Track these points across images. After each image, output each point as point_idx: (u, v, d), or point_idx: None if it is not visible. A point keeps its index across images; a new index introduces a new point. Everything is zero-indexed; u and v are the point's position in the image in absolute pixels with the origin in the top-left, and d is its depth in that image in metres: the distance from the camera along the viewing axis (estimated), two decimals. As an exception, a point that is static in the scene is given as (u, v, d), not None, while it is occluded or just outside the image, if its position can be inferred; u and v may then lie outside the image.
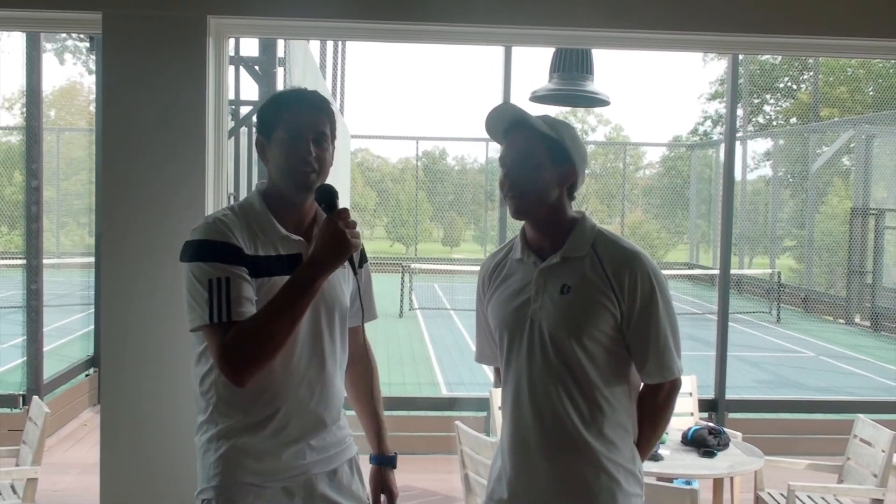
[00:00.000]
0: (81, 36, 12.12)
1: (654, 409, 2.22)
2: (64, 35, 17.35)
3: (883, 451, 4.29)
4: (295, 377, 2.12)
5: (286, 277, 2.08)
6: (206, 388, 2.12)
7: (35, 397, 4.66)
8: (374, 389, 2.44)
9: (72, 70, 21.45)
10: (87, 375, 7.64)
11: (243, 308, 2.00)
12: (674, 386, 2.22)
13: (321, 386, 2.18)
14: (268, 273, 2.08)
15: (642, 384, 2.23)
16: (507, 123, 2.21)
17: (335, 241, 2.02)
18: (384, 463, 2.43)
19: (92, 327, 7.82)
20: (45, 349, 6.82)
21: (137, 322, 3.13)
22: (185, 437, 3.01)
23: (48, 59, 19.29)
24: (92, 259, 8.01)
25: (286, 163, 2.13)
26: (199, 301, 2.00)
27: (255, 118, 2.25)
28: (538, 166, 2.16)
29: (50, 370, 6.98)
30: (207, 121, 3.11)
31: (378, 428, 2.43)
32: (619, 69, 40.30)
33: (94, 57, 9.00)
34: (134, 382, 3.15)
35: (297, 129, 2.13)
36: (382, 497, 2.42)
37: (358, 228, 2.09)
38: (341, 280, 2.24)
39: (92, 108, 9.62)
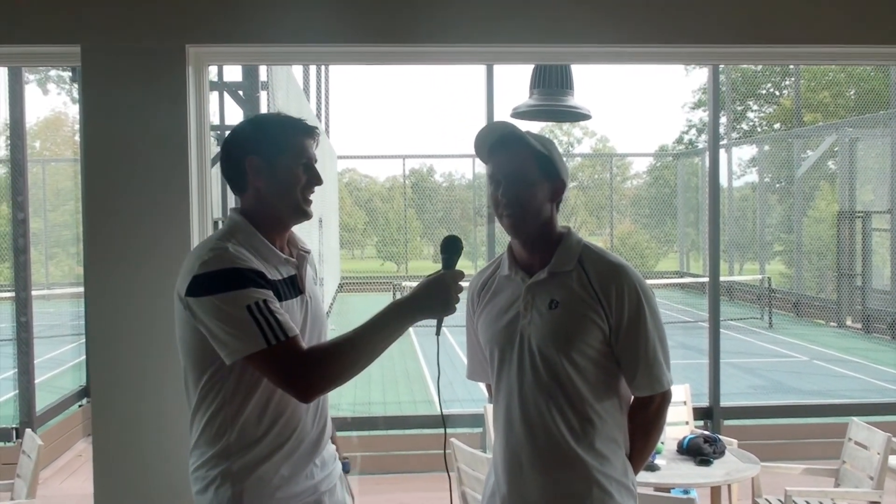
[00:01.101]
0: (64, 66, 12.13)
1: (645, 421, 2.23)
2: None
3: (878, 454, 4.30)
4: None
5: (294, 300, 2.10)
6: (218, 423, 2.05)
7: (28, 430, 4.64)
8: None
9: (56, 100, 21.39)
10: (80, 406, 7.60)
11: (291, 324, 1.98)
12: (664, 398, 2.22)
13: (322, 400, 2.20)
14: (283, 297, 2.06)
15: (633, 397, 2.24)
16: (494, 140, 2.22)
17: (443, 299, 2.04)
18: (342, 469, 2.44)
19: (84, 357, 7.78)
20: (37, 381, 6.77)
21: (126, 352, 3.12)
22: (179, 465, 3.00)
23: (31, 90, 19.23)
24: (82, 289, 7.98)
25: (293, 189, 2.12)
26: (242, 329, 1.93)
27: (241, 137, 2.19)
28: (533, 183, 2.17)
29: (43, 402, 6.94)
30: (190, 149, 3.12)
31: (334, 436, 2.44)
32: (602, 81, 40.55)
33: (77, 86, 9.01)
34: (125, 412, 3.14)
35: (311, 158, 2.15)
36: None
37: (349, 250, 2.09)
38: (320, 296, 2.27)
39: (77, 138, 9.62)
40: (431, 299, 2.04)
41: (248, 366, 1.99)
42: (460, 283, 2.07)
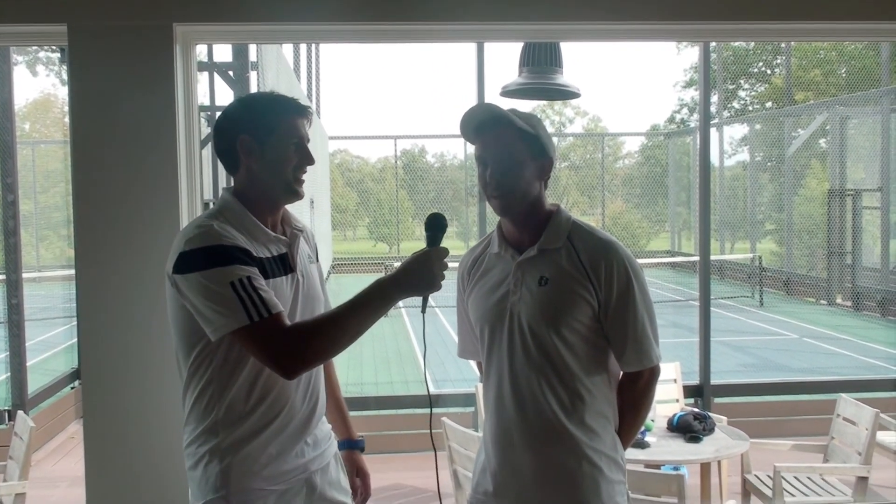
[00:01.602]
0: (53, 47, 12.06)
1: (634, 396, 2.25)
2: (35, 47, 17.23)
3: (866, 430, 4.34)
4: None
5: (283, 278, 2.10)
6: (206, 399, 2.07)
7: (20, 412, 4.65)
8: (334, 379, 2.48)
9: (45, 82, 21.27)
10: (72, 388, 7.60)
11: (275, 300, 1.99)
12: (653, 373, 2.24)
13: (314, 380, 2.20)
14: (270, 275, 2.07)
15: (621, 372, 2.25)
16: (479, 122, 2.21)
17: (426, 277, 2.04)
18: (355, 447, 2.48)
19: (75, 340, 7.77)
20: (28, 363, 6.78)
21: (117, 333, 3.11)
22: (170, 446, 3.02)
23: (21, 72, 19.09)
24: (73, 271, 7.96)
25: (285, 169, 2.11)
26: (226, 305, 1.94)
27: (232, 116, 2.18)
28: (521, 163, 2.17)
29: (35, 384, 6.94)
30: (178, 128, 3.10)
31: (343, 415, 2.48)
32: (594, 60, 40.46)
33: (66, 68, 8.93)
34: (116, 394, 3.14)
35: (302, 137, 2.14)
36: (357, 480, 2.47)
37: (341, 231, 2.08)
38: (315, 274, 2.27)
39: (67, 119, 9.57)
40: (416, 276, 2.04)
41: (234, 342, 2.01)
42: (445, 260, 2.07)
